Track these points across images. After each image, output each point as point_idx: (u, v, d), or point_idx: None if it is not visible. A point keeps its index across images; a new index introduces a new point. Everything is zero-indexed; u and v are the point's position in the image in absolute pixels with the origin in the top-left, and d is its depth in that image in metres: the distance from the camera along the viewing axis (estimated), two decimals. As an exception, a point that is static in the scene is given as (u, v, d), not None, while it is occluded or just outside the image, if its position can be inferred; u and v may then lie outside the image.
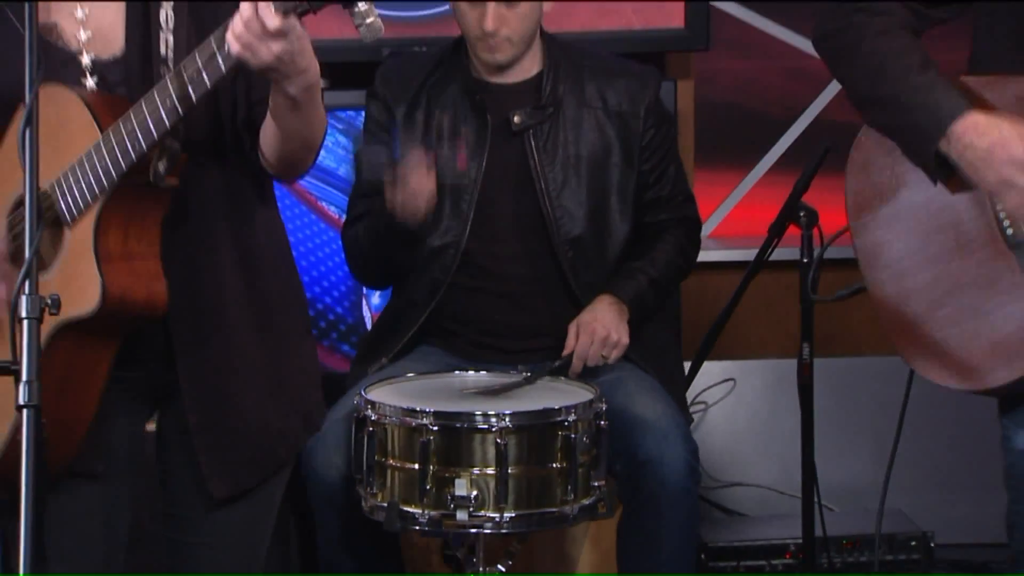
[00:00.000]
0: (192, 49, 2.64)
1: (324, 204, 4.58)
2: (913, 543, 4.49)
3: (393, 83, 4.03)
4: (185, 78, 2.57)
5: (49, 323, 2.60)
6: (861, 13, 2.95)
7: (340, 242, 4.25)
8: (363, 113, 4.11)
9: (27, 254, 2.35)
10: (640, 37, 4.61)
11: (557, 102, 3.98)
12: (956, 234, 2.95)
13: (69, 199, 2.63)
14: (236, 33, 2.51)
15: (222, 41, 2.55)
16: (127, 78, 2.71)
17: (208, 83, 2.58)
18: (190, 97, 2.57)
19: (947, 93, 2.86)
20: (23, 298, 2.33)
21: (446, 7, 4.02)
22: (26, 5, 2.46)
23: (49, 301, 2.35)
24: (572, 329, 3.90)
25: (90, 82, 2.70)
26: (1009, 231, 2.87)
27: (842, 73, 3.04)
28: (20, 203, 2.65)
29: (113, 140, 2.61)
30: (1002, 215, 2.88)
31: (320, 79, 2.68)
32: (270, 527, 2.96)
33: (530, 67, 3.99)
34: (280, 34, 2.51)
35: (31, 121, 2.39)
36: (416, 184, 3.65)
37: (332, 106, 4.51)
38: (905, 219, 3.03)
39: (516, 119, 3.94)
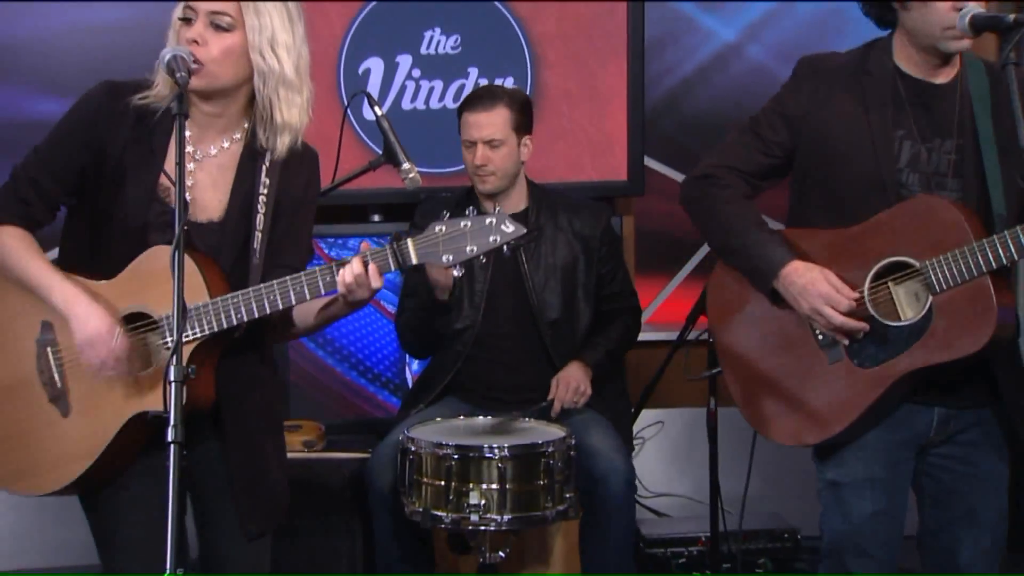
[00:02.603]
0: (262, 246, 2.66)
1: (380, 300, 4.56)
2: (786, 535, 4.48)
3: (427, 218, 3.99)
4: (290, 289, 2.57)
5: (127, 413, 2.60)
6: (713, 187, 2.98)
7: (390, 327, 4.26)
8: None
9: (174, 337, 2.32)
10: (597, 186, 4.62)
11: (539, 228, 3.98)
12: (783, 337, 2.96)
13: (170, 329, 2.58)
14: (346, 281, 2.53)
15: (320, 276, 2.56)
16: (219, 243, 2.65)
17: (294, 301, 2.58)
18: (277, 304, 2.57)
19: (777, 248, 2.90)
20: (171, 367, 2.30)
21: (462, 166, 4.03)
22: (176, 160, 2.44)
23: (189, 370, 2.32)
24: (553, 382, 3.90)
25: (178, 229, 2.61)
26: (820, 337, 2.91)
27: (703, 228, 3.07)
28: (129, 319, 2.62)
29: (220, 307, 2.57)
30: (815, 327, 2.90)
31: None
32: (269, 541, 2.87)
33: (519, 203, 3.99)
34: (375, 290, 2.55)
35: (179, 240, 2.38)
36: (444, 275, 3.67)
37: (387, 232, 4.52)
38: (748, 325, 3.03)
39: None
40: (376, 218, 4.60)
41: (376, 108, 2.77)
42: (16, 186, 2.68)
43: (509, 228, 2.52)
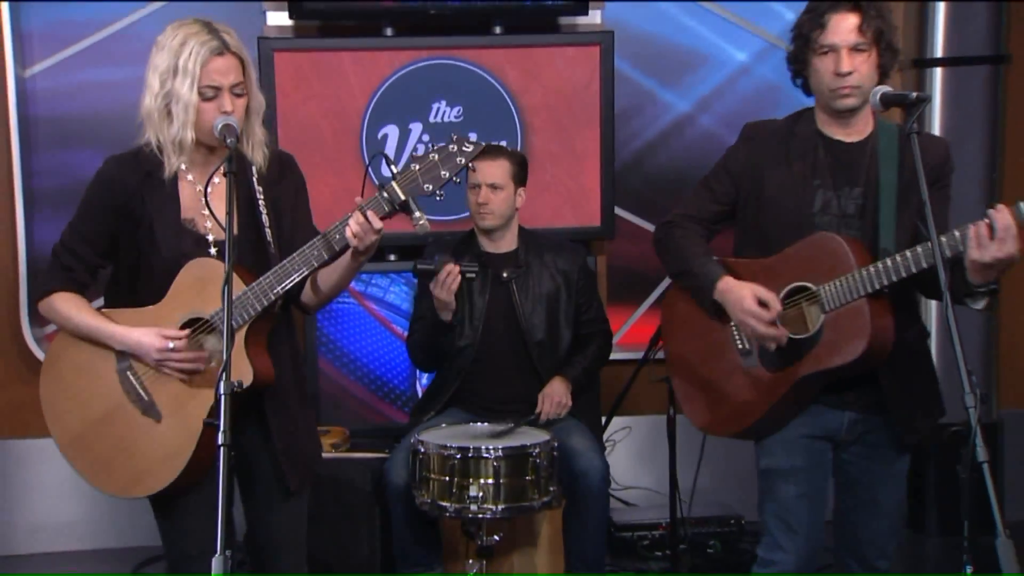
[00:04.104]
0: (275, 240, 2.70)
1: (393, 324, 4.57)
2: (732, 521, 4.47)
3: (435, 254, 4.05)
4: (310, 255, 2.60)
5: (208, 403, 2.61)
6: (673, 228, 3.05)
7: (402, 347, 4.24)
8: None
9: (224, 356, 2.34)
10: (576, 231, 4.62)
11: (528, 264, 3.99)
12: (714, 347, 3.02)
13: (221, 324, 2.58)
14: (353, 230, 2.55)
15: (331, 236, 2.58)
16: (242, 251, 2.66)
17: (314, 264, 2.60)
18: (303, 269, 2.60)
19: (714, 267, 2.96)
20: (221, 382, 2.32)
21: (465, 214, 4.04)
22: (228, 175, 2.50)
23: (237, 383, 2.35)
24: (540, 397, 3.89)
25: (212, 252, 2.69)
26: (739, 346, 2.97)
27: (663, 260, 3.11)
28: (186, 324, 2.66)
29: (258, 289, 2.61)
30: (735, 335, 2.97)
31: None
32: (305, 514, 2.87)
33: (511, 243, 4.00)
34: (379, 231, 2.55)
35: (230, 262, 2.41)
36: (448, 278, 3.68)
37: (401, 269, 4.54)
38: (689, 339, 3.08)
39: (504, 274, 3.96)
40: (392, 257, 4.61)
41: (392, 167, 2.77)
42: (58, 259, 2.74)
43: (468, 148, 2.55)
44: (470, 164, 2.60)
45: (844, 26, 2.79)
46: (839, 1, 2.80)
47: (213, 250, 2.68)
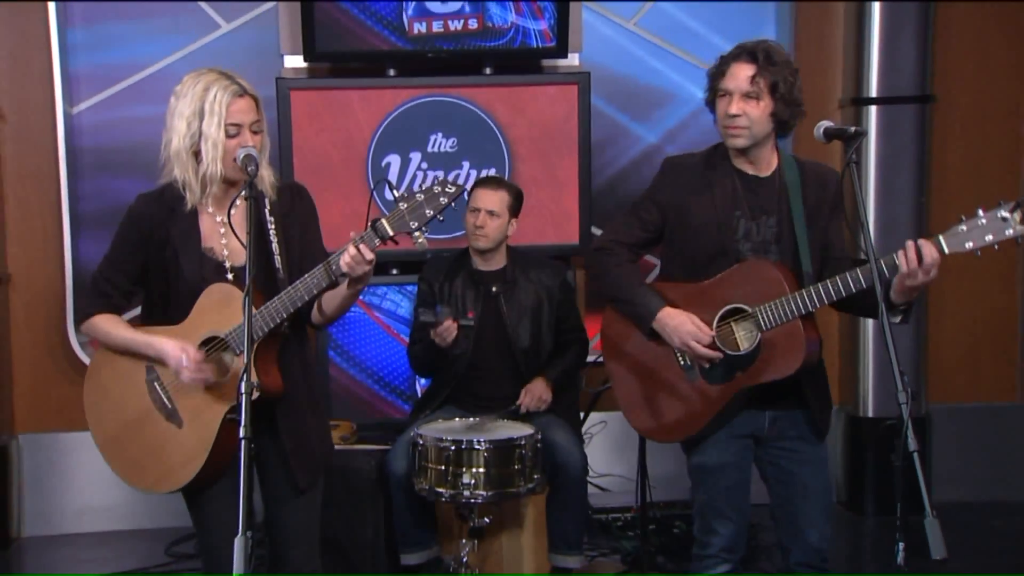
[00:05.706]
0: (284, 266, 2.67)
1: (395, 330, 4.56)
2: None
3: (432, 272, 4.04)
4: (310, 283, 2.58)
5: (222, 412, 2.60)
6: (605, 256, 3.00)
7: (403, 351, 4.22)
8: (416, 286, 4.10)
9: (245, 358, 2.34)
10: (557, 248, 4.61)
11: (515, 280, 3.97)
12: (655, 363, 2.98)
13: (234, 342, 2.61)
14: (346, 262, 2.53)
15: (327, 267, 2.56)
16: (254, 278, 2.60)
17: (314, 291, 2.58)
18: (304, 296, 2.58)
19: (653, 298, 2.91)
20: (242, 383, 2.32)
21: (460, 232, 4.03)
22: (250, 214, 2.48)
23: (255, 383, 2.36)
24: (523, 391, 3.88)
25: (229, 277, 2.67)
26: (682, 363, 2.93)
27: (600, 284, 3.08)
28: (206, 341, 2.64)
29: (267, 312, 2.59)
30: (679, 355, 2.92)
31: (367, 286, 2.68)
32: (319, 506, 2.83)
33: (501, 262, 3.99)
34: (371, 262, 2.53)
35: (249, 285, 2.40)
36: (446, 331, 3.66)
37: (402, 282, 4.53)
38: (629, 354, 3.02)
39: (494, 289, 3.94)
40: (394, 271, 4.61)
41: (394, 191, 2.77)
42: (96, 286, 2.76)
43: (451, 189, 2.52)
44: (465, 193, 2.59)
45: (739, 74, 2.82)
46: (741, 53, 2.84)
47: (230, 275, 2.68)
